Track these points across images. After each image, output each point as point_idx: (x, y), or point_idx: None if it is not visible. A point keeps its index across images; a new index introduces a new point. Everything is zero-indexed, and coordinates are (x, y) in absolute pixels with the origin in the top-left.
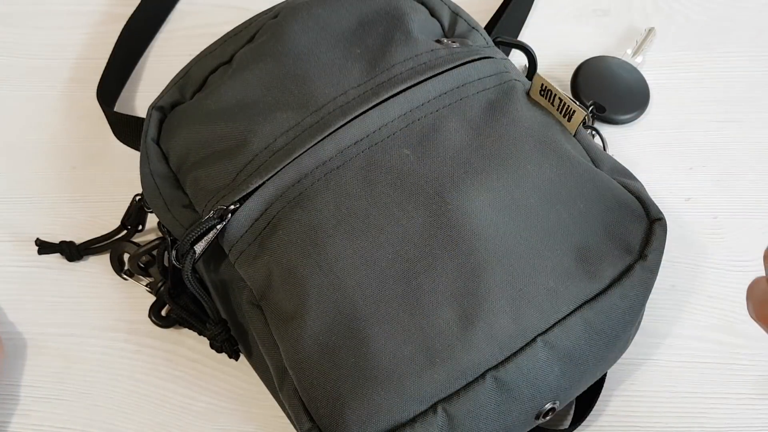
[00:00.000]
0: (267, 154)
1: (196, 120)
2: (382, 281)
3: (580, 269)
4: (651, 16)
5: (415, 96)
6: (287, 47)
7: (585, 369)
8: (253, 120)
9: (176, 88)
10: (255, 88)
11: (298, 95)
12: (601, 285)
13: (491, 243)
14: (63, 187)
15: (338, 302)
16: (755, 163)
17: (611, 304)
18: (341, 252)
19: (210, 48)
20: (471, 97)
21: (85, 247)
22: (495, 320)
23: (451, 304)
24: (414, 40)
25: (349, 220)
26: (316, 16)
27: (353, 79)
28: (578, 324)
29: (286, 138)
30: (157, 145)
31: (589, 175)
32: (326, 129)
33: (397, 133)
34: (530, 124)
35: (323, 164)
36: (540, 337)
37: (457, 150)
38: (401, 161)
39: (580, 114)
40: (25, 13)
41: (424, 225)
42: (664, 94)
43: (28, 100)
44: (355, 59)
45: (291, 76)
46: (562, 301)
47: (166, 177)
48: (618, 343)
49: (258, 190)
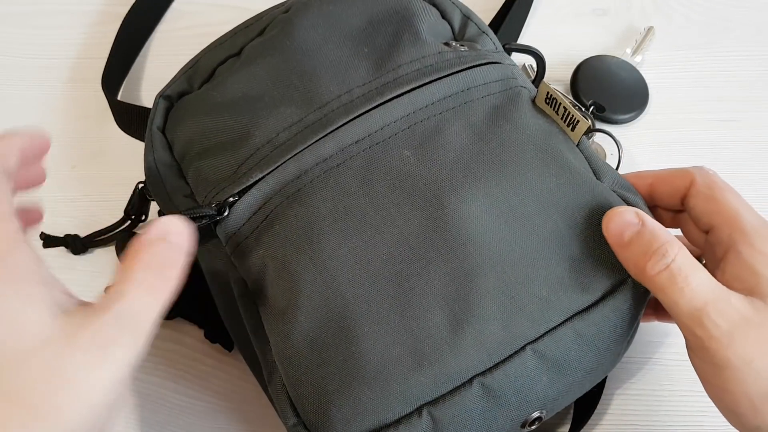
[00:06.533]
0: (269, 148)
1: (202, 111)
2: (375, 281)
3: (573, 280)
4: (650, 16)
5: (419, 97)
6: (296, 43)
7: (574, 380)
8: (258, 114)
9: (184, 78)
10: (261, 82)
11: (303, 91)
12: (593, 297)
13: (486, 249)
14: (63, 187)
15: (330, 300)
16: (755, 163)
17: (603, 316)
18: (336, 250)
19: (220, 39)
20: (475, 102)
21: (89, 239)
22: (485, 326)
23: (441, 308)
24: (422, 42)
25: (345, 218)
26: (327, 14)
27: (359, 77)
28: (568, 334)
29: (289, 133)
30: (162, 133)
31: (588, 187)
32: (328, 126)
33: (398, 133)
34: (533, 132)
35: (323, 161)
36: (529, 345)
37: (458, 154)
38: (401, 162)
39: (584, 124)
40: (25, 13)
41: (420, 227)
42: (664, 94)
43: (28, 99)
44: (362, 58)
45: (297, 71)
46: (553, 310)
47: (170, 166)
48: (608, 356)
49: (258, 183)
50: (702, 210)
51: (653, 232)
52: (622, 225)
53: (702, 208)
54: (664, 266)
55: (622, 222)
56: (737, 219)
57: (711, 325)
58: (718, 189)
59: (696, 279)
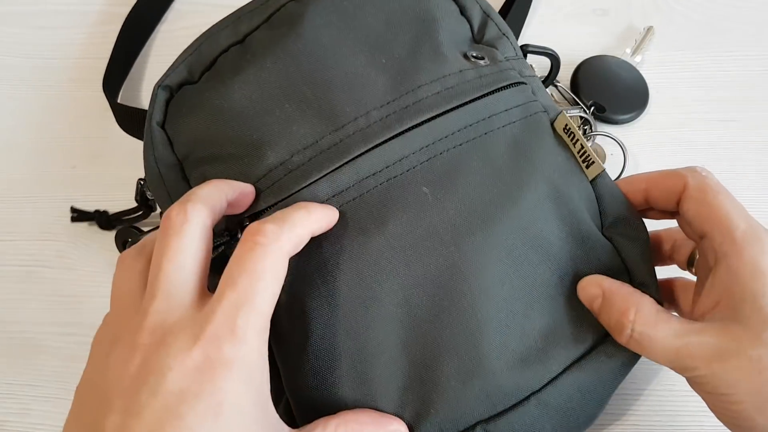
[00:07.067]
0: (282, 171)
1: (206, 113)
2: (387, 325)
3: (567, 331)
4: (650, 16)
5: (439, 127)
6: (308, 46)
7: (577, 424)
8: (270, 129)
9: (185, 66)
10: (271, 91)
11: (317, 108)
12: (586, 346)
13: (494, 300)
14: (63, 187)
15: (342, 341)
16: (755, 163)
17: (599, 362)
18: (350, 291)
19: (222, 24)
20: (495, 132)
21: (116, 217)
22: (492, 378)
23: (451, 358)
24: (442, 57)
25: (360, 258)
26: (342, 10)
27: (376, 97)
28: (569, 383)
29: (303, 157)
30: (162, 129)
31: (587, 243)
32: (346, 155)
33: (417, 167)
34: (550, 174)
35: (340, 194)
36: (534, 395)
37: (477, 195)
38: (419, 200)
39: (598, 167)
40: (25, 13)
41: (436, 273)
42: (664, 94)
43: (28, 99)
44: (379, 71)
45: (310, 82)
46: (552, 361)
47: (172, 166)
48: (605, 399)
49: (270, 209)
50: (694, 214)
51: (611, 303)
52: (588, 299)
53: (694, 213)
54: (628, 337)
55: (588, 296)
56: (728, 227)
57: (690, 366)
58: (710, 192)
59: (660, 334)
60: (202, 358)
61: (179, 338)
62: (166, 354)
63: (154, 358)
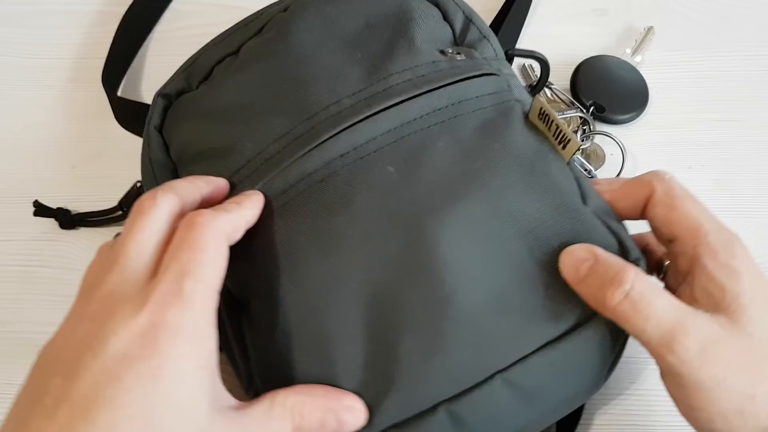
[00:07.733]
0: (259, 160)
1: (197, 115)
2: (350, 304)
3: (545, 309)
4: (650, 16)
5: (407, 110)
6: (290, 47)
7: (547, 408)
8: (249, 123)
9: (183, 76)
10: (254, 89)
11: (293, 100)
12: (565, 326)
13: (460, 276)
14: (62, 187)
15: (305, 319)
16: (755, 163)
17: (576, 346)
18: (313, 268)
19: (219, 37)
20: (465, 116)
21: (80, 217)
22: (455, 355)
23: (413, 335)
24: (416, 50)
25: (324, 236)
26: (325, 15)
27: (349, 86)
28: (541, 364)
29: (278, 145)
30: (159, 133)
31: (569, 214)
32: (315, 139)
33: (384, 148)
34: (522, 151)
35: (308, 176)
36: (499, 374)
37: (442, 173)
38: (384, 179)
39: (574, 144)
40: (25, 13)
41: (398, 250)
42: (664, 94)
43: (28, 99)
44: (354, 64)
45: (290, 78)
46: (526, 340)
47: (165, 167)
48: (584, 386)
49: None
50: (663, 220)
51: (606, 262)
52: (575, 262)
53: (662, 219)
54: (623, 294)
55: (575, 259)
56: (699, 230)
57: (681, 349)
58: (678, 197)
59: (659, 303)
60: (148, 323)
61: (126, 306)
62: (112, 320)
63: (100, 325)
